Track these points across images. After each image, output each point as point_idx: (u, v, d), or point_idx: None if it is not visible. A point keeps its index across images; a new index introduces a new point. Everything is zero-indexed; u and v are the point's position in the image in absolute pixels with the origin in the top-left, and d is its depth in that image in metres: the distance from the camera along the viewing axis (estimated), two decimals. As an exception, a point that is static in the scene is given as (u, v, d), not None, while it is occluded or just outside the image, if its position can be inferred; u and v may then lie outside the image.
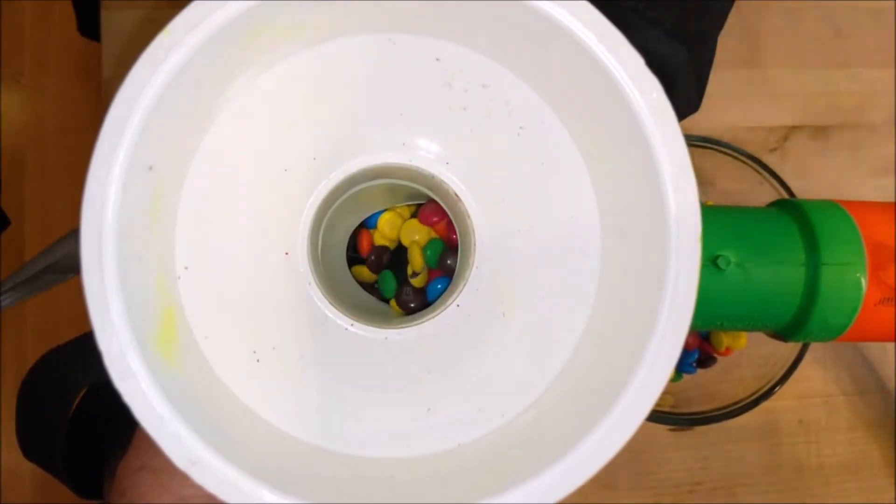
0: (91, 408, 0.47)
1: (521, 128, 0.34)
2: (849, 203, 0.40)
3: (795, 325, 0.40)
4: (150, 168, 0.30)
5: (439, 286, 0.45)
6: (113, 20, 0.63)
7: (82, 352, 0.45)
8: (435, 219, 0.46)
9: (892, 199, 0.68)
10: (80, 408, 0.48)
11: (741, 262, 0.39)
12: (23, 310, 1.38)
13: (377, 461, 0.33)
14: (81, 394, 0.47)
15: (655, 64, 0.30)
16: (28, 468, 1.35)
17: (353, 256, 0.49)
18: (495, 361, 0.35)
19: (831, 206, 0.40)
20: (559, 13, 0.30)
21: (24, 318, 1.39)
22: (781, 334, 0.42)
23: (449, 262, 0.44)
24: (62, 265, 0.47)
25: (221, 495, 0.28)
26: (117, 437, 0.43)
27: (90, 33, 0.97)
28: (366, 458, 0.33)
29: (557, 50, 0.31)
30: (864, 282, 0.38)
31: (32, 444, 0.48)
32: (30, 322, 1.39)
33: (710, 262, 0.38)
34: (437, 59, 0.34)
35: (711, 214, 0.41)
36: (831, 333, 0.40)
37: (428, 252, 0.45)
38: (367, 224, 0.47)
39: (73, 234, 0.45)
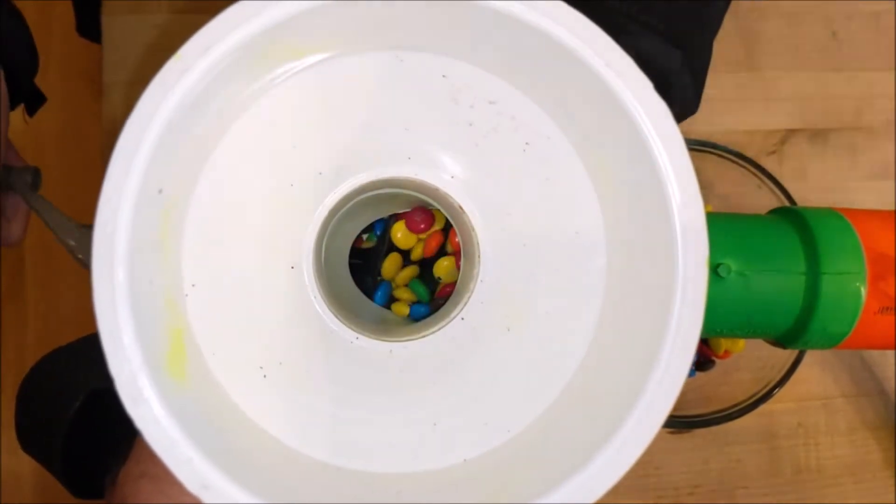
0: (93, 411, 0.47)
1: (526, 143, 0.35)
2: (850, 211, 0.41)
3: (795, 333, 0.40)
4: (161, 191, 0.30)
5: (422, 310, 0.46)
6: (114, 25, 0.63)
7: (86, 355, 0.46)
8: (423, 226, 0.46)
9: (891, 202, 0.68)
10: (81, 410, 0.48)
11: (742, 270, 0.39)
12: (23, 311, 1.38)
13: (384, 476, 0.33)
14: (83, 396, 0.47)
15: (650, 68, 0.30)
16: (28, 470, 1.36)
17: (354, 262, 0.49)
18: (500, 375, 0.35)
19: (832, 214, 0.40)
20: (569, 39, 0.30)
21: (25, 320, 1.39)
22: (781, 342, 0.42)
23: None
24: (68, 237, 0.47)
25: None
26: (118, 442, 0.44)
27: (89, 33, 0.97)
28: (373, 474, 0.34)
29: (567, 74, 0.31)
30: (863, 291, 0.38)
31: (31, 439, 0.48)
32: (30, 323, 1.39)
33: (711, 270, 0.39)
34: (444, 76, 0.34)
35: (712, 222, 0.40)
36: (830, 341, 0.40)
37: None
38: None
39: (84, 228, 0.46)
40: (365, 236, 0.50)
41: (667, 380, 0.29)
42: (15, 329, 1.38)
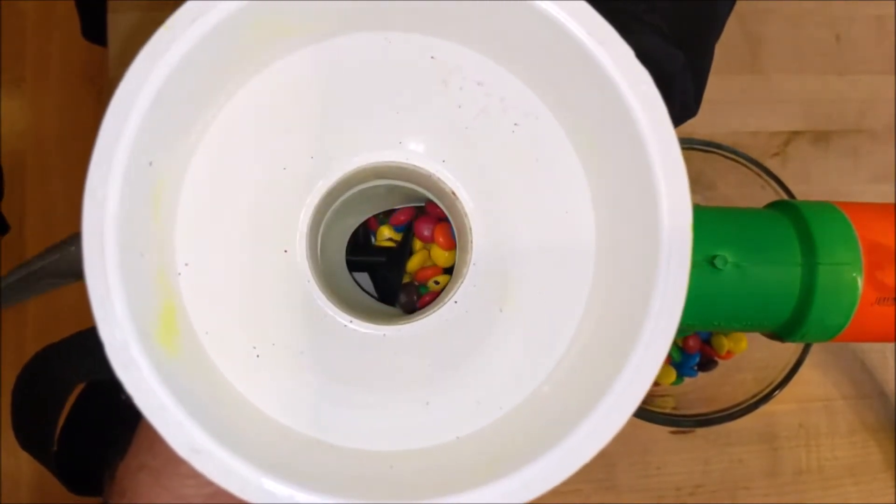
0: (89, 406, 0.47)
1: (515, 125, 0.35)
2: (845, 204, 0.41)
3: (792, 325, 0.40)
4: (151, 163, 0.30)
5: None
6: (119, 22, 0.64)
7: (78, 349, 0.46)
8: (426, 233, 0.47)
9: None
10: (77, 406, 0.48)
11: (738, 261, 0.39)
12: (23, 308, 1.39)
13: (376, 454, 0.34)
14: (78, 391, 0.47)
15: (653, 68, 0.31)
16: (27, 472, 1.36)
17: (348, 259, 0.49)
18: (492, 356, 0.35)
19: (828, 206, 0.40)
20: (553, 9, 0.30)
21: (25, 317, 1.40)
22: (778, 334, 0.42)
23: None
24: (63, 269, 0.47)
25: (222, 483, 0.28)
26: (116, 437, 0.44)
27: (94, 37, 0.97)
28: (365, 451, 0.34)
29: (551, 46, 0.31)
30: (860, 282, 0.38)
31: (28, 436, 0.48)
32: (30, 321, 1.40)
33: (708, 262, 0.39)
34: (432, 57, 0.34)
35: (709, 214, 0.41)
36: (828, 333, 0.40)
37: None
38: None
39: (73, 238, 0.46)
40: (380, 217, 0.50)
41: (652, 346, 0.29)
42: (14, 328, 1.38)
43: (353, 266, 0.51)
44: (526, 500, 0.29)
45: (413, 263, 0.48)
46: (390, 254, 0.50)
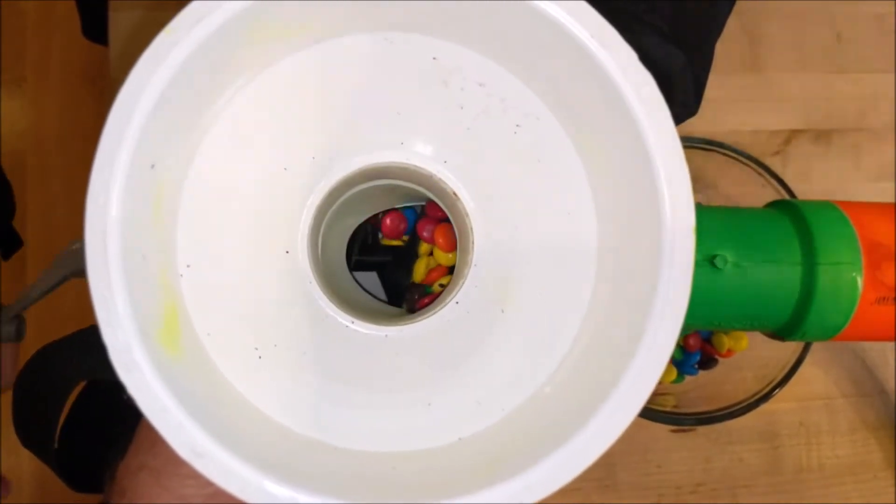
0: (90, 405, 0.47)
1: (517, 126, 0.35)
2: (845, 203, 0.41)
3: (792, 325, 0.40)
4: (153, 166, 0.31)
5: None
6: (120, 21, 0.63)
7: (79, 346, 0.46)
8: (426, 234, 0.47)
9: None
10: (78, 404, 0.48)
11: (738, 261, 0.39)
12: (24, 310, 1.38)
13: (379, 455, 0.34)
14: (79, 390, 0.47)
15: (653, 68, 0.31)
16: (27, 470, 1.36)
17: (357, 259, 0.49)
18: (494, 356, 0.35)
19: (828, 206, 0.40)
20: (554, 10, 0.30)
21: (26, 320, 1.39)
22: (779, 334, 0.42)
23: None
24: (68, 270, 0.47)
25: (224, 484, 0.29)
26: (117, 436, 0.44)
27: (95, 36, 0.97)
28: (366, 452, 0.34)
29: (552, 47, 0.31)
30: (860, 281, 0.38)
31: (28, 433, 0.48)
32: (30, 320, 1.39)
33: (708, 262, 0.39)
34: (434, 58, 0.34)
35: (709, 214, 0.41)
36: (828, 332, 0.40)
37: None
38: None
39: (71, 246, 0.46)
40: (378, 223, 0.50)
41: (656, 347, 0.29)
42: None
43: (361, 265, 0.51)
44: (530, 501, 0.29)
45: (419, 270, 0.48)
46: (397, 253, 0.50)
